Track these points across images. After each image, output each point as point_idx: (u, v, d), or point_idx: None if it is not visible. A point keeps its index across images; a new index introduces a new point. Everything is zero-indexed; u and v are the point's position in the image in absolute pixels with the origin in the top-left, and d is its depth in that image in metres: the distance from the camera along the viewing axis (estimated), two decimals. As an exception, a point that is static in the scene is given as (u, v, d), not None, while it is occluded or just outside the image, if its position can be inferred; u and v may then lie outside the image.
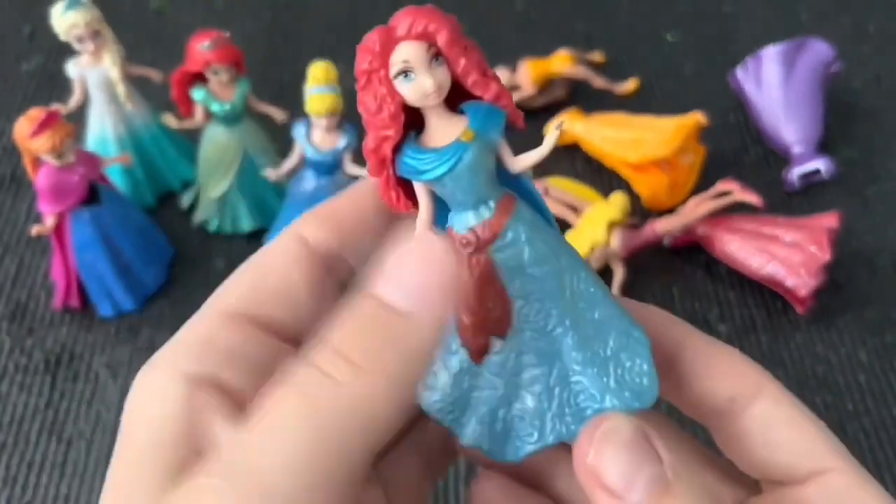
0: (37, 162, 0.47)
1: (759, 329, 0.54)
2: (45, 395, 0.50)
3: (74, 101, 0.53)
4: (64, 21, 0.49)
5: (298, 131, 0.50)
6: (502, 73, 0.64)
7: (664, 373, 0.23)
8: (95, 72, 0.52)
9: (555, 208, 0.56)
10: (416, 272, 0.18)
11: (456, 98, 0.21)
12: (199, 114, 0.52)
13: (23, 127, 0.45)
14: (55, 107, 0.50)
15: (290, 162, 0.51)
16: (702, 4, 0.75)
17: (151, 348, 0.51)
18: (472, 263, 0.22)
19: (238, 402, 0.19)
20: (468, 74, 0.21)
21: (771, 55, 0.62)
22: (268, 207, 0.56)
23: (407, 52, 0.20)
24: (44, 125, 0.45)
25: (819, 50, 0.62)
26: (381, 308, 0.18)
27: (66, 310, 0.53)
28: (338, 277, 0.23)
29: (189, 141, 0.59)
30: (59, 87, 0.67)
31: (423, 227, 0.22)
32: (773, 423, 0.22)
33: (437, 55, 0.21)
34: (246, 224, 0.56)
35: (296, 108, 0.64)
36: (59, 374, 0.51)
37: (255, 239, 0.53)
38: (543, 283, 0.22)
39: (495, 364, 0.22)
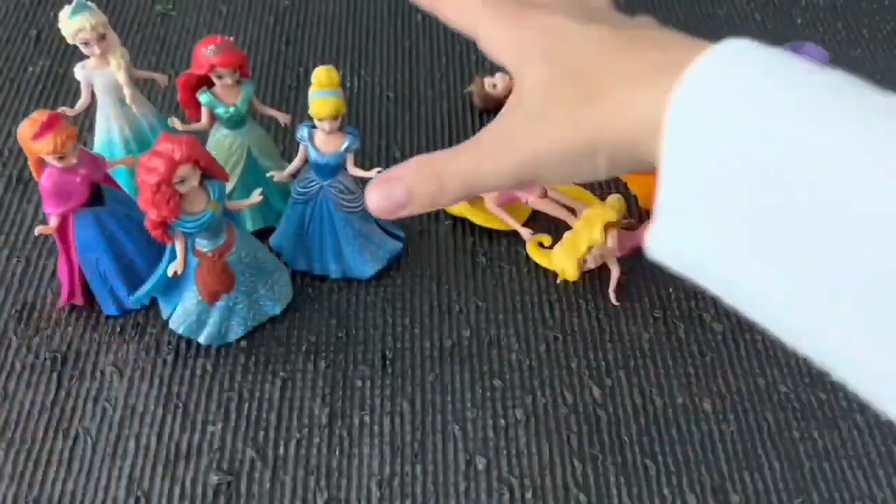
0: (41, 163, 0.47)
1: (753, 328, 0.54)
2: (52, 393, 0.50)
3: (81, 103, 0.54)
4: (71, 25, 0.50)
5: (302, 134, 0.50)
6: (502, 79, 0.64)
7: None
8: (102, 75, 0.53)
9: (554, 210, 0.57)
10: None
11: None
12: (204, 117, 0.53)
13: (26, 129, 0.45)
14: (62, 110, 0.50)
15: (293, 164, 0.52)
16: (697, 8, 0.76)
17: (157, 346, 0.52)
18: (215, 263, 0.49)
19: None
20: (207, 169, 0.46)
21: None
22: (272, 208, 0.57)
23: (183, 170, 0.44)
24: (46, 127, 0.45)
25: (812, 54, 0.63)
26: None
27: (72, 309, 0.54)
28: None
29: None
30: (65, 90, 0.68)
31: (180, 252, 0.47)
32: None
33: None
34: (250, 224, 0.57)
35: (299, 111, 0.66)
36: (66, 372, 0.51)
37: (260, 238, 0.53)
38: (246, 266, 0.50)
39: (223, 301, 0.51)
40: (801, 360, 0.53)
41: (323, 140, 0.50)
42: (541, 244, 0.57)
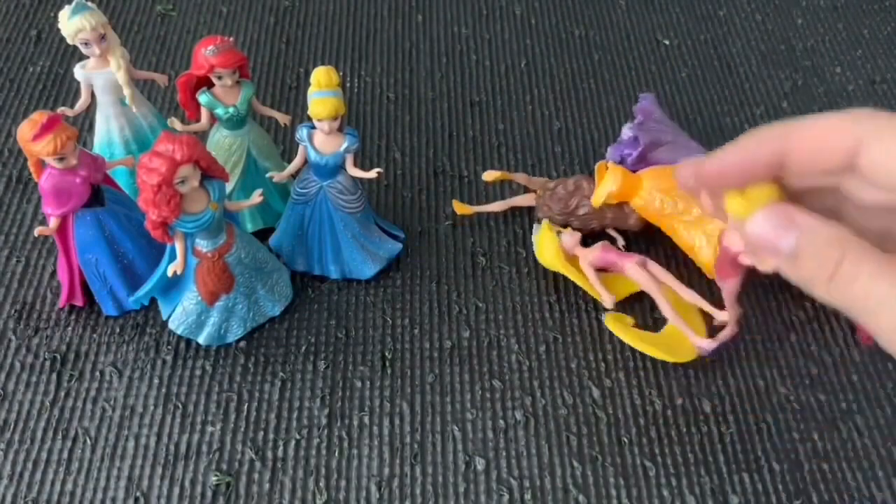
0: (40, 164, 0.47)
1: (753, 329, 0.54)
2: (51, 393, 0.50)
3: (80, 103, 0.54)
4: (71, 25, 0.50)
5: (301, 134, 0.50)
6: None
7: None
8: (102, 75, 0.53)
9: (646, 284, 0.53)
10: None
11: None
12: (204, 117, 0.53)
13: (25, 130, 0.45)
14: (61, 110, 0.50)
15: (293, 164, 0.52)
16: (697, 9, 0.76)
17: (156, 347, 0.52)
18: (215, 263, 0.48)
19: None
20: (207, 169, 0.45)
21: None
22: (272, 208, 0.57)
23: (184, 171, 0.43)
24: (45, 129, 0.45)
25: (646, 106, 0.60)
26: None
27: (71, 309, 0.54)
28: None
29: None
30: (65, 90, 0.68)
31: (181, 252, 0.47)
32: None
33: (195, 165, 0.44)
34: (250, 224, 0.57)
35: (299, 111, 0.66)
36: (65, 373, 0.51)
37: (259, 239, 0.53)
38: (245, 267, 0.50)
39: (223, 301, 0.51)
40: (801, 363, 0.53)
41: (322, 141, 0.50)
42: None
